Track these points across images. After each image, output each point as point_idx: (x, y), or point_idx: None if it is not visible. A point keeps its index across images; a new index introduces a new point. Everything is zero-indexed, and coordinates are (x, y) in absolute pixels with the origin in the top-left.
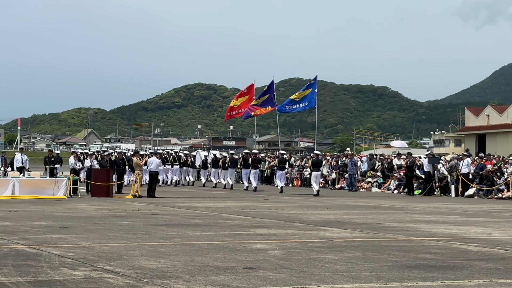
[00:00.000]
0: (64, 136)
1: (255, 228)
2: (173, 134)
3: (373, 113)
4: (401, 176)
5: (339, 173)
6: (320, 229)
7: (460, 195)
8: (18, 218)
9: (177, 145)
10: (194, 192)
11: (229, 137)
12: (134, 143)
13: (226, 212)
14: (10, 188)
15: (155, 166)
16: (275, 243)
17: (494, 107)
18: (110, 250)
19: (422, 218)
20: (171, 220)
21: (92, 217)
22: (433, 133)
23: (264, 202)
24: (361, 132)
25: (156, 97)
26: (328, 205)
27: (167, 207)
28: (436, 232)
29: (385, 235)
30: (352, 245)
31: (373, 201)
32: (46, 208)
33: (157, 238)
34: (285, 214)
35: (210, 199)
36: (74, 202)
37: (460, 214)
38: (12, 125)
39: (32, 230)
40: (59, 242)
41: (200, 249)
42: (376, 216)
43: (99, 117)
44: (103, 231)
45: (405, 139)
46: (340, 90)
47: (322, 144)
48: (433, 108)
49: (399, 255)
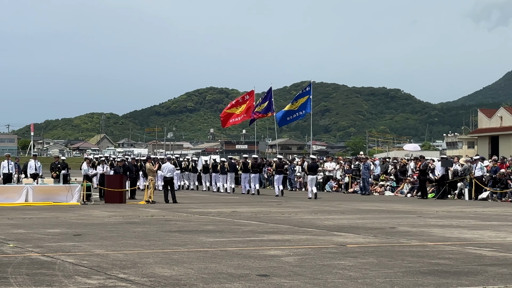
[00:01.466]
0: (77, 141)
1: (268, 234)
2: (186, 139)
3: (386, 115)
4: (415, 179)
5: (352, 177)
6: (333, 235)
7: (474, 198)
8: (32, 225)
9: (190, 149)
10: (207, 197)
11: (242, 141)
12: (147, 148)
13: (240, 218)
14: (24, 195)
15: (169, 171)
16: (288, 249)
17: (507, 108)
18: (124, 257)
19: (436, 222)
20: (185, 226)
21: (106, 223)
22: (446, 135)
23: (278, 207)
24: (374, 135)
25: (168, 101)
26: (341, 209)
27: (180, 213)
28: (450, 237)
29: (398, 240)
30: (366, 250)
31: (386, 205)
32: (60, 215)
33: (171, 245)
34: (298, 219)
35: (223, 204)
36: (87, 208)
37: (474, 218)
38: (25, 130)
39: (46, 238)
40: (73, 250)
41: (214, 256)
42: (389, 220)
43: (111, 122)
44: (116, 238)
45: (418, 141)
46: (352, 92)
47: (335, 147)
48: (445, 110)
49: (413, 261)
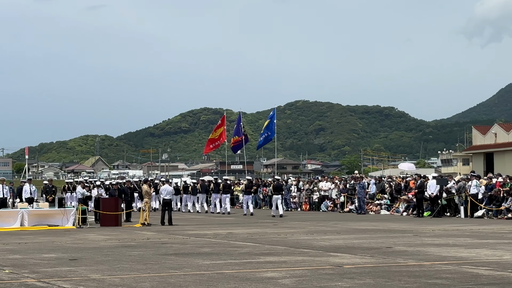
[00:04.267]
0: (72, 164)
1: (265, 255)
2: (181, 160)
3: (380, 133)
4: (410, 198)
5: (347, 196)
6: (330, 255)
7: (470, 216)
8: (27, 250)
9: (185, 170)
10: (203, 219)
11: (237, 161)
12: (142, 169)
13: (236, 239)
14: (19, 219)
15: (168, 193)
16: (285, 271)
17: (501, 125)
18: (120, 282)
19: (432, 241)
20: (181, 249)
21: (102, 247)
22: (440, 152)
23: (273, 228)
24: (369, 153)
25: (162, 122)
26: (337, 229)
27: (176, 235)
28: (447, 256)
29: (395, 260)
30: (362, 271)
31: (382, 224)
32: (56, 239)
33: (167, 268)
34: (294, 240)
35: (219, 226)
36: (83, 232)
37: (470, 236)
38: (19, 154)
39: (41, 263)
40: (69, 275)
41: (211, 279)
42: (386, 240)
43: (106, 144)
44: (112, 262)
45: (413, 159)
46: (346, 111)
47: (330, 165)
48: (440, 128)
49: (410, 281)
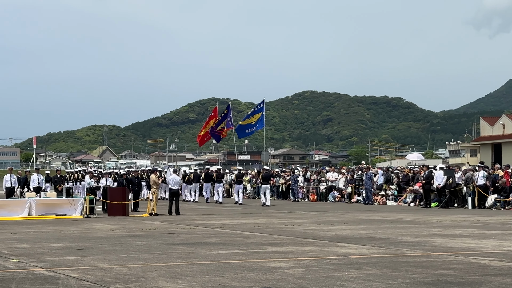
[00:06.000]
0: (80, 154)
1: (272, 245)
2: (188, 150)
3: (388, 124)
4: (417, 189)
5: (354, 187)
6: (337, 246)
7: (477, 207)
8: (35, 239)
9: (193, 160)
10: (210, 209)
11: (244, 152)
12: (150, 159)
13: (243, 229)
14: (27, 208)
15: (176, 183)
16: (292, 261)
17: (510, 116)
18: (127, 271)
19: (439, 232)
20: (188, 239)
21: (109, 237)
22: (448, 143)
23: (280, 218)
24: (376, 144)
25: (170, 112)
26: (344, 220)
27: (183, 225)
28: (454, 247)
29: (402, 250)
30: (369, 261)
31: (389, 215)
32: (63, 228)
33: (174, 258)
34: (301, 230)
35: (226, 216)
36: (90, 222)
37: (478, 227)
38: (27, 143)
39: (49, 252)
40: (76, 264)
41: (218, 268)
42: (393, 230)
43: (114, 134)
44: (120, 251)
45: (420, 149)
46: (354, 102)
47: (338, 156)
48: (448, 118)
49: (417, 272)
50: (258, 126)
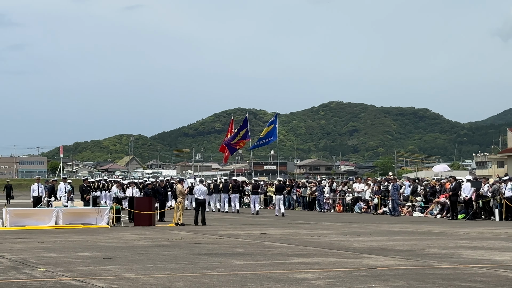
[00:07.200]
0: (106, 163)
1: (298, 256)
2: (214, 160)
3: (414, 135)
4: (444, 200)
5: (381, 198)
6: (363, 257)
7: (505, 219)
8: (62, 249)
9: (219, 170)
10: (236, 219)
11: (270, 162)
12: (176, 169)
13: (269, 240)
14: (54, 217)
15: (202, 193)
16: (318, 272)
17: None
18: (154, 281)
19: (466, 244)
20: (214, 249)
21: (135, 247)
22: (475, 155)
23: (306, 229)
24: (403, 155)
25: (196, 122)
26: (370, 231)
27: (209, 235)
28: (481, 259)
29: (429, 262)
30: (396, 273)
31: (416, 226)
32: (90, 238)
33: (201, 268)
34: (327, 241)
35: (252, 226)
36: (117, 231)
37: (505, 239)
38: (54, 153)
39: (76, 262)
40: (103, 274)
41: (244, 279)
42: (419, 242)
43: (140, 144)
44: (146, 261)
45: (447, 161)
46: (380, 112)
47: (364, 167)
48: (474, 130)
49: (444, 284)
50: (272, 139)
